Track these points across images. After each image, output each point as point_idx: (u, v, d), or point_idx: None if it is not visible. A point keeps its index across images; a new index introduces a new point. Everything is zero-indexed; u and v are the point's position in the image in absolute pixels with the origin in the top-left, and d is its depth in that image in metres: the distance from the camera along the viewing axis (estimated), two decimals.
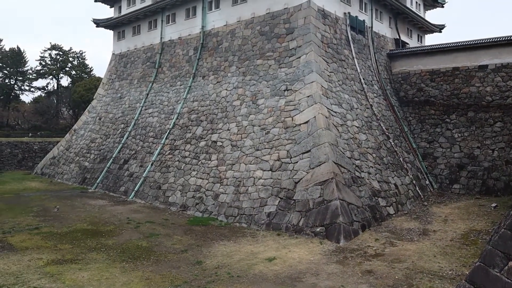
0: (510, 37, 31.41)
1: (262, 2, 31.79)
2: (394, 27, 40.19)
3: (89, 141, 43.48)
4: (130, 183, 33.25)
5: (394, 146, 30.35)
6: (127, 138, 38.42)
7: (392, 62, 38.32)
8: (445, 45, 35.18)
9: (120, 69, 47.12)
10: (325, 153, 22.89)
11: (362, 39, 34.46)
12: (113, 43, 49.55)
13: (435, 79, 35.33)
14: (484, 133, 31.55)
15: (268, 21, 31.20)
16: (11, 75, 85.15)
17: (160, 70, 40.67)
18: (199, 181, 27.92)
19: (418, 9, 44.19)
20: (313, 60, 27.18)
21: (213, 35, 35.72)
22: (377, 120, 30.81)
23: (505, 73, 31.91)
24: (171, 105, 36.41)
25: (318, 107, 25.00)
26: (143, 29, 44.41)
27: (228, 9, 34.57)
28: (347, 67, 31.06)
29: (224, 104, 31.33)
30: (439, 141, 33.31)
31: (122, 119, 41.69)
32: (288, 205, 22.18)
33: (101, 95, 48.44)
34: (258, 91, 29.39)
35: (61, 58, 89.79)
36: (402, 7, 38.92)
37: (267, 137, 26.44)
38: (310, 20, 28.49)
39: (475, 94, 32.97)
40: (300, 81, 27.03)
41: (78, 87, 76.56)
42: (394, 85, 37.49)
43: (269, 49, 30.37)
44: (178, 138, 32.87)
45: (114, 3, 48.92)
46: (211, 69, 34.60)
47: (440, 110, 34.33)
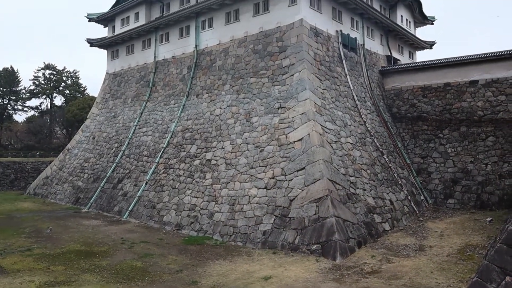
0: (499, 53, 31.94)
1: (255, 21, 32.18)
2: (386, 44, 40.76)
3: (83, 160, 43.24)
4: (124, 202, 32.99)
5: (388, 162, 30.45)
6: (121, 157, 38.26)
7: (385, 78, 38.74)
8: (436, 61, 35.67)
9: (114, 88, 47.20)
10: (319, 170, 22.91)
11: (354, 56, 34.87)
12: (107, 62, 49.74)
13: (427, 94, 35.69)
14: (477, 147, 31.78)
15: (261, 40, 31.54)
16: (4, 95, 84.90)
17: (154, 89, 40.79)
18: (193, 200, 27.77)
19: (409, 26, 44.92)
20: (306, 78, 27.41)
21: (206, 54, 36.00)
22: (370, 137, 30.97)
23: (495, 88, 32.31)
24: (165, 124, 36.42)
25: (312, 125, 25.11)
26: (137, 48, 44.68)
27: (221, 28, 34.94)
28: (340, 84, 31.33)
29: (218, 122, 31.39)
30: (433, 156, 33.48)
31: (116, 138, 41.58)
32: (283, 223, 22.07)
33: (95, 114, 48.38)
34: (252, 109, 29.51)
35: (54, 77, 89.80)
36: (393, 25, 39.57)
37: (261, 155, 26.45)
38: (302, 38, 28.83)
39: (467, 109, 33.30)
40: (293, 99, 27.20)
41: (71, 106, 76.43)
42: (387, 101, 37.82)
43: (262, 67, 30.62)
44: (173, 157, 32.79)
45: (108, 23, 49.27)
46: (204, 87, 34.76)
47: (433, 126, 34.60)
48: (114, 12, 46.45)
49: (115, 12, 46.30)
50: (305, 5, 29.69)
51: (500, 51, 32.00)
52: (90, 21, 49.53)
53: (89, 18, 49.36)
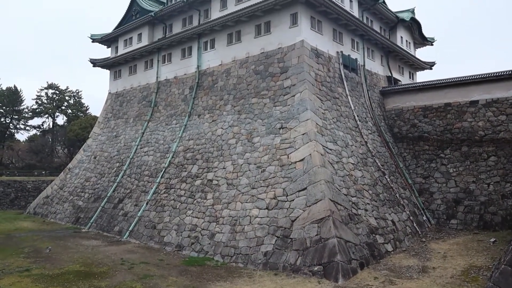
0: (499, 73, 32.15)
1: (257, 42, 32.55)
2: (386, 65, 41.12)
3: (84, 180, 43.19)
4: (124, 222, 32.80)
5: (390, 182, 30.36)
6: (122, 177, 38.22)
7: (385, 99, 38.93)
8: (436, 81, 35.88)
9: (116, 108, 47.47)
10: (321, 191, 22.82)
11: (355, 77, 35.14)
12: (110, 82, 50.17)
13: (428, 115, 35.79)
14: (478, 167, 31.70)
15: (262, 61, 31.84)
16: (6, 114, 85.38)
17: (155, 109, 41.01)
18: (194, 220, 27.61)
19: (409, 47, 45.38)
20: (308, 98, 27.56)
21: (208, 74, 36.32)
22: (372, 157, 30.95)
23: (496, 108, 32.41)
24: (167, 144, 36.49)
25: (313, 145, 25.13)
26: (139, 68, 45.12)
27: (223, 49, 35.33)
28: (341, 105, 31.49)
29: (219, 142, 31.44)
30: (435, 176, 33.39)
31: (117, 157, 41.61)
32: (285, 244, 21.88)
33: (96, 133, 48.54)
34: (253, 129, 29.60)
35: (57, 97, 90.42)
36: (393, 46, 40.00)
37: (263, 175, 26.41)
38: (303, 59, 29.10)
39: (468, 129, 33.33)
40: (295, 119, 27.30)
41: (73, 125, 76.73)
42: (388, 121, 37.92)
43: (264, 88, 30.83)
44: (174, 177, 32.75)
45: (111, 43, 49.91)
46: (206, 107, 34.95)
47: (434, 146, 34.61)
48: (118, 33, 47.09)
49: (119, 33, 46.93)
50: (306, 27, 30.07)
51: (499, 72, 32.23)
52: (94, 41, 50.20)
53: (92, 39, 50.03)
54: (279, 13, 30.91)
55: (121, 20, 47.80)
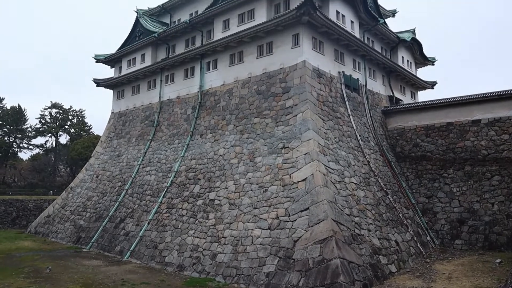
0: (501, 92, 32.20)
1: (259, 63, 32.84)
2: (388, 85, 41.33)
3: (86, 199, 43.09)
4: (126, 242, 32.58)
5: (393, 202, 30.17)
6: (124, 196, 38.13)
7: (387, 118, 39.00)
8: (438, 101, 35.97)
9: (118, 127, 47.68)
10: (323, 211, 22.69)
11: (357, 97, 35.29)
12: (113, 102, 50.51)
13: (430, 134, 35.78)
14: (482, 187, 31.51)
15: (264, 81, 32.07)
16: (10, 133, 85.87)
17: (158, 128, 41.18)
18: (196, 240, 27.41)
19: (410, 67, 45.68)
20: (310, 118, 27.64)
21: (211, 94, 36.55)
22: (374, 176, 30.84)
23: (498, 127, 32.37)
24: (169, 163, 36.50)
25: (316, 165, 25.09)
26: (143, 88, 45.48)
27: (226, 69, 35.65)
28: (343, 124, 31.55)
29: (221, 162, 31.44)
30: (438, 196, 33.18)
31: (119, 177, 41.60)
32: (287, 264, 21.66)
33: (99, 153, 48.64)
34: (255, 149, 29.62)
35: (61, 116, 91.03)
36: (394, 66, 40.28)
37: (265, 195, 26.31)
38: (305, 79, 29.30)
39: (471, 148, 33.25)
40: (297, 139, 27.32)
41: (76, 144, 77.01)
42: (390, 141, 37.90)
43: (266, 108, 30.97)
44: (176, 197, 32.65)
45: (114, 63, 50.44)
46: (208, 127, 35.07)
47: (437, 165, 34.49)
48: (121, 54, 47.63)
49: (122, 53, 47.48)
50: (308, 47, 30.37)
51: (501, 91, 32.29)
52: (98, 62, 50.76)
53: (96, 59, 50.60)
54: (281, 34, 31.28)
55: (125, 41, 48.42)
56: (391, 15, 50.84)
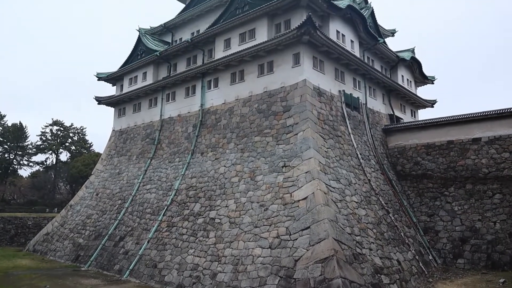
0: (500, 111, 32.33)
1: (260, 81, 33.07)
2: (388, 103, 41.53)
3: (85, 217, 42.87)
4: (125, 261, 32.30)
5: (394, 221, 30.01)
6: (123, 214, 37.95)
7: (388, 137, 39.08)
8: (438, 119, 36.07)
9: (119, 145, 47.73)
10: (324, 230, 22.55)
11: (357, 115, 35.42)
12: (114, 120, 50.67)
13: (431, 152, 35.79)
14: (484, 205, 31.36)
15: (265, 99, 32.24)
16: (11, 150, 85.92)
17: (159, 146, 41.22)
18: (196, 259, 27.18)
19: (410, 85, 45.96)
20: (310, 137, 27.70)
21: (211, 113, 36.70)
22: (375, 195, 30.74)
23: (498, 145, 32.39)
24: (169, 182, 36.43)
25: (317, 183, 25.04)
26: (144, 106, 45.68)
27: (227, 88, 35.87)
28: (344, 143, 31.59)
29: (222, 180, 31.38)
30: (439, 214, 33.00)
31: (119, 195, 41.47)
32: (288, 284, 21.43)
33: (99, 170, 48.58)
34: (256, 167, 29.60)
35: (61, 133, 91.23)
36: (394, 84, 40.56)
37: (265, 213, 26.19)
38: (306, 98, 29.46)
39: (471, 167, 33.22)
40: (298, 157, 27.33)
41: (76, 162, 77.02)
42: (391, 159, 37.90)
43: (266, 126, 31.06)
44: (176, 215, 32.50)
45: (116, 81, 50.77)
46: (209, 146, 35.11)
47: (438, 183, 34.40)
48: (123, 72, 47.99)
49: (124, 71, 47.84)
50: (309, 66, 30.63)
51: (501, 109, 32.42)
52: (100, 79, 51.10)
53: (98, 77, 50.96)
54: (281, 53, 31.58)
55: (127, 59, 48.81)
56: (390, 35, 51.42)
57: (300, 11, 31.65)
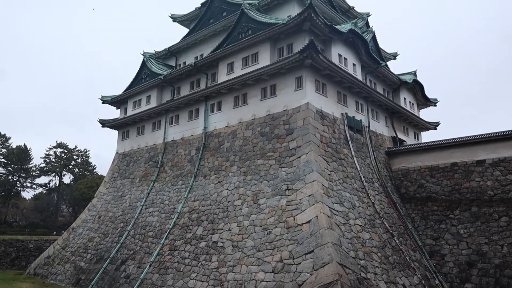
0: (504, 133, 32.18)
1: (262, 105, 33.24)
2: (391, 126, 41.55)
3: (87, 240, 42.58)
4: (126, 285, 31.89)
5: (399, 245, 29.62)
6: (126, 238, 37.68)
7: (391, 159, 38.94)
8: (442, 141, 35.95)
9: (122, 167, 47.77)
10: (328, 254, 22.28)
11: (360, 138, 35.41)
12: (117, 142, 50.87)
13: (435, 175, 35.56)
14: (490, 228, 30.92)
15: (268, 122, 32.33)
16: (14, 172, 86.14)
17: (162, 169, 41.21)
18: (198, 284, 26.81)
19: (412, 108, 46.05)
20: (313, 160, 27.64)
21: (214, 136, 36.79)
22: (380, 218, 30.45)
23: (503, 167, 32.12)
24: (172, 205, 36.28)
25: (320, 206, 24.87)
26: (147, 129, 45.90)
27: (230, 111, 36.06)
28: (347, 166, 31.49)
29: (225, 203, 31.23)
30: (445, 237, 32.55)
31: (122, 218, 41.26)
32: None
33: (102, 193, 48.50)
34: (259, 190, 29.48)
35: (65, 156, 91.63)
36: (397, 107, 40.66)
37: (268, 237, 25.94)
38: (309, 121, 29.53)
39: (476, 189, 32.90)
40: (301, 181, 27.22)
41: (79, 184, 77.10)
42: (395, 182, 37.68)
43: (269, 149, 31.06)
44: (178, 238, 32.23)
45: (120, 104, 51.18)
46: (212, 168, 35.07)
47: (443, 206, 34.05)
48: (127, 95, 48.45)
49: (128, 95, 48.30)
50: (311, 90, 30.81)
51: (505, 131, 32.26)
52: (104, 103, 51.59)
53: (103, 100, 51.45)
54: (284, 76, 31.83)
55: (131, 83, 49.31)
56: (392, 58, 51.87)
57: (303, 35, 32.04)
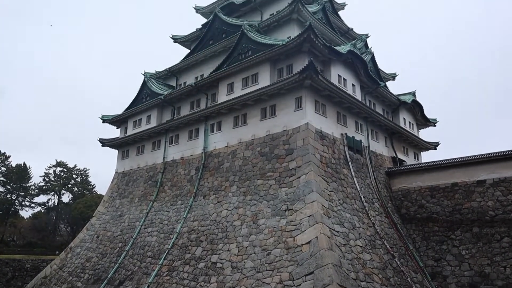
0: (505, 153, 32.17)
1: (262, 125, 33.34)
2: (390, 146, 41.58)
3: (85, 260, 42.13)
4: None
5: (400, 266, 29.31)
6: (124, 258, 37.30)
7: (391, 179, 38.85)
8: (442, 161, 35.90)
9: (122, 187, 47.61)
10: (329, 275, 22.04)
11: (360, 158, 35.39)
12: (117, 162, 50.82)
13: (435, 195, 35.41)
14: (492, 249, 30.63)
15: (268, 143, 32.37)
16: (13, 191, 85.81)
17: (161, 189, 41.08)
18: None
19: (412, 128, 46.17)
20: (313, 180, 27.58)
21: (214, 156, 36.79)
22: (380, 239, 30.21)
23: (504, 187, 31.99)
24: (171, 225, 36.03)
25: (320, 227, 24.71)
26: (147, 149, 45.93)
27: (229, 131, 36.14)
28: (347, 186, 31.40)
29: (224, 224, 31.02)
30: (447, 258, 32.24)
31: (120, 237, 40.92)
32: None
33: (101, 212, 48.22)
34: (258, 211, 29.33)
35: (65, 174, 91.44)
36: (396, 127, 40.76)
37: (268, 258, 25.69)
38: (308, 141, 29.57)
39: (477, 209, 32.71)
40: (300, 201, 27.11)
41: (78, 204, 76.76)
42: (395, 202, 37.51)
43: (269, 169, 31.02)
44: (177, 259, 31.91)
45: (120, 124, 51.33)
46: (212, 188, 34.96)
47: (444, 227, 33.81)
48: (127, 115, 48.65)
49: (128, 114, 48.51)
50: (311, 110, 30.94)
51: (505, 151, 32.24)
52: (104, 122, 51.75)
53: (103, 120, 51.63)
54: (284, 97, 32.02)
55: (132, 102, 49.58)
56: (391, 78, 52.26)
57: (302, 56, 32.34)
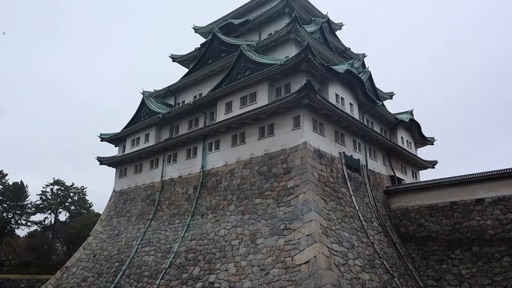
0: (502, 171, 32.15)
1: (260, 144, 33.38)
2: (389, 165, 41.59)
3: (81, 279, 41.59)
4: None
5: (400, 286, 29.02)
6: (120, 278, 36.86)
7: (390, 198, 38.75)
8: (440, 180, 35.87)
9: (119, 205, 47.33)
10: None
11: (358, 177, 35.35)
12: (115, 180, 50.63)
13: (434, 214, 35.28)
14: (493, 268, 30.38)
15: (266, 161, 32.35)
16: (10, 209, 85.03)
17: (159, 207, 40.85)
18: None
19: (410, 147, 46.28)
20: (311, 199, 27.49)
21: (212, 175, 36.70)
22: (379, 258, 29.96)
23: (503, 206, 31.90)
24: (169, 244, 35.71)
25: (318, 246, 24.53)
26: (145, 167, 45.83)
27: (228, 150, 36.15)
28: (345, 205, 31.28)
29: (222, 243, 30.77)
30: (447, 278, 31.94)
31: (117, 257, 40.49)
32: None
33: (97, 231, 47.81)
34: (257, 230, 29.14)
35: (62, 193, 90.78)
36: (394, 146, 40.85)
37: (266, 278, 25.42)
38: (306, 160, 29.56)
39: (477, 228, 32.55)
40: (299, 220, 26.97)
41: (75, 222, 76.12)
42: (394, 221, 37.33)
43: (267, 188, 30.93)
44: (174, 279, 31.54)
45: (119, 142, 51.34)
46: (210, 207, 34.78)
47: (443, 246, 33.58)
48: (126, 133, 48.70)
49: (127, 132, 48.56)
50: (309, 129, 31.03)
51: (503, 169, 32.23)
52: (102, 140, 51.75)
53: (101, 138, 51.64)
54: (282, 116, 32.13)
55: (130, 121, 49.70)
56: (389, 97, 52.65)
57: (300, 75, 32.59)
